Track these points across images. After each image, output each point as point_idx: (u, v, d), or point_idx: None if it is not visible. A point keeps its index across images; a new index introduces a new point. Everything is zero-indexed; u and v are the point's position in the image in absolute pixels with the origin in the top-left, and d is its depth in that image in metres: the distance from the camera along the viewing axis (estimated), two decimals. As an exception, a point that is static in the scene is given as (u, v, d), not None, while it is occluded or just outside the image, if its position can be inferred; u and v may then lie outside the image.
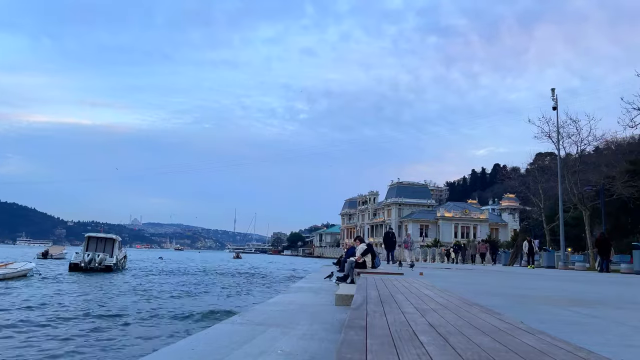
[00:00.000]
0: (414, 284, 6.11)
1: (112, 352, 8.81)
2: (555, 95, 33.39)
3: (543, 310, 5.57)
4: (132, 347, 9.14)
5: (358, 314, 2.98)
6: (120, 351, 8.88)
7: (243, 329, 4.70)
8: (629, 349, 3.25)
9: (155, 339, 9.92)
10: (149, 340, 9.83)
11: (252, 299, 17.79)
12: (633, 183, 32.76)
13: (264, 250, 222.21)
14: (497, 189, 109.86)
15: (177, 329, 11.23)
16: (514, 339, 2.26)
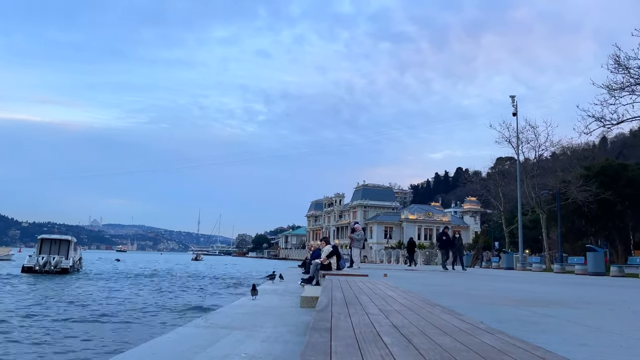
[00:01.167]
0: (378, 285, 6.17)
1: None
2: (515, 102, 34.49)
3: (502, 310, 5.72)
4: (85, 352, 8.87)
5: (323, 315, 2.98)
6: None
7: (206, 332, 4.63)
8: (583, 347, 3.38)
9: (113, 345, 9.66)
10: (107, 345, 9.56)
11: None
12: (587, 187, 34.18)
13: (229, 252, 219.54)
14: (460, 192, 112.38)
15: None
16: (475, 339, 2.31)
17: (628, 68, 20.40)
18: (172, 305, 16.57)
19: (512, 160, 46.16)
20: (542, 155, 39.10)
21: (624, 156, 60.98)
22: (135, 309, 15.10)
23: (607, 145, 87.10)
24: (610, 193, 34.74)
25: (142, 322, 12.67)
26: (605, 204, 35.34)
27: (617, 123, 22.27)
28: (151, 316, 13.63)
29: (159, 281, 29.54)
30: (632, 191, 36.43)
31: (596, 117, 22.16)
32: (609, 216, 37.41)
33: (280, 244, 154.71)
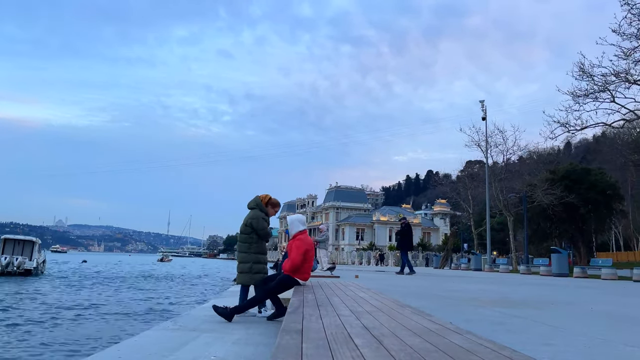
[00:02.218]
0: (350, 286, 6.19)
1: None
2: (484, 107, 35.22)
3: (470, 311, 5.82)
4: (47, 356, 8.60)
5: (294, 317, 2.97)
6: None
7: (175, 335, 4.55)
8: (548, 347, 3.47)
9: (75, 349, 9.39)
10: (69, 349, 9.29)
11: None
12: (552, 191, 35.17)
13: (199, 253, 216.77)
14: (430, 195, 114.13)
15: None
16: (444, 339, 2.34)
17: (592, 76, 21.10)
18: (139, 307, 16.24)
19: (481, 164, 47.17)
20: (509, 159, 40.06)
21: (587, 161, 63.06)
22: (101, 311, 14.74)
23: (571, 150, 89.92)
24: (574, 196, 35.86)
25: (110, 325, 12.38)
26: (569, 207, 36.45)
27: (581, 129, 22.99)
28: (117, 319, 13.33)
29: (125, 283, 28.91)
30: (595, 195, 37.70)
31: (561, 122, 22.84)
32: (573, 219, 38.60)
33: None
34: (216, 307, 5.24)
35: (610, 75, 20.66)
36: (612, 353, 3.37)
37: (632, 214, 50.99)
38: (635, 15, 18.85)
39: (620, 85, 20.87)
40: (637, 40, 19.34)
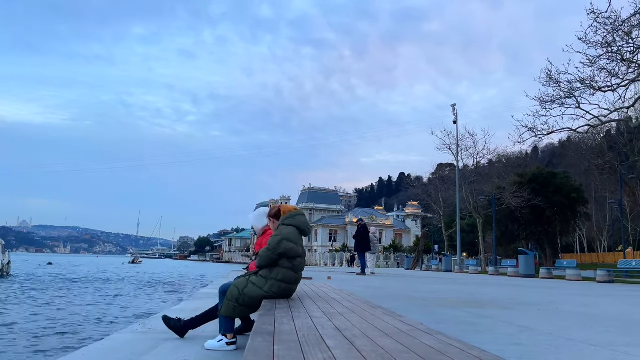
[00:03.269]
0: (322, 288, 6.19)
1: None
2: (456, 111, 35.83)
3: (441, 311, 5.90)
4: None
5: (266, 319, 2.94)
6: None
7: (144, 339, 4.45)
8: (515, 346, 3.54)
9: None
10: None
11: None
12: (520, 194, 36.04)
13: (170, 255, 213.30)
14: (402, 197, 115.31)
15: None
16: (415, 340, 2.36)
17: (559, 82, 21.72)
18: (107, 311, 15.85)
19: (452, 167, 47.95)
20: (479, 163, 40.92)
21: (553, 165, 64.89)
22: (68, 315, 14.32)
23: (538, 154, 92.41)
24: (541, 199, 36.83)
25: (76, 329, 12.03)
26: (536, 209, 37.42)
27: (547, 133, 23.63)
28: (85, 322, 12.98)
29: (94, 285, 28.18)
30: (560, 198, 38.80)
31: (529, 127, 23.42)
32: (539, 221, 39.63)
33: (223, 247, 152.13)
34: (167, 318, 4.48)
35: (576, 82, 21.33)
36: (577, 352, 3.47)
37: (595, 217, 52.71)
38: (601, 24, 19.51)
39: (585, 91, 21.57)
40: (602, 48, 20.02)
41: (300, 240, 4.19)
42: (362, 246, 18.47)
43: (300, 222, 4.23)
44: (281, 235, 4.05)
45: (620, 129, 52.12)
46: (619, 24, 19.27)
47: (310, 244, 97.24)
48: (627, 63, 20.02)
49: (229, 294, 4.02)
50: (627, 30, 19.32)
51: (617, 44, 19.75)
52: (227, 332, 3.98)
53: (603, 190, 52.46)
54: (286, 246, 4.00)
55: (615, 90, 20.99)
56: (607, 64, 20.41)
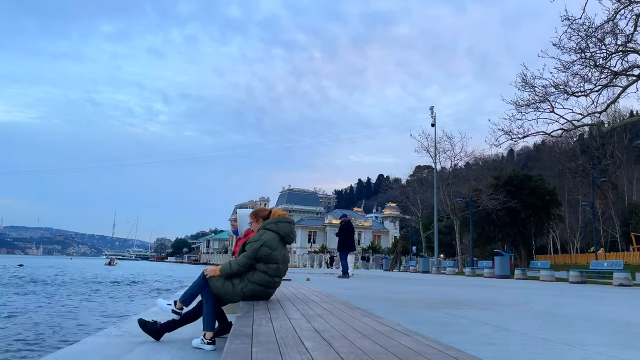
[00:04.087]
0: (301, 289, 6.18)
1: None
2: (434, 114, 36.24)
3: (418, 312, 5.96)
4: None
5: (244, 321, 2.93)
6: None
7: (119, 342, 4.37)
8: (490, 346, 3.59)
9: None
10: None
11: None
12: (496, 196, 36.64)
13: (146, 256, 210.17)
14: (381, 198, 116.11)
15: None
16: (392, 341, 2.37)
17: (534, 87, 22.17)
18: (82, 314, 15.52)
19: (430, 169, 48.46)
20: (457, 165, 41.47)
21: (528, 168, 66.21)
22: (42, 318, 13.97)
23: (514, 157, 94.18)
24: (516, 201, 37.52)
25: (49, 332, 11.75)
26: (511, 211, 38.10)
27: (523, 137, 24.07)
28: (59, 326, 12.68)
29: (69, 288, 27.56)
30: (534, 200, 39.60)
31: (505, 130, 23.83)
32: (515, 223, 40.37)
33: (201, 248, 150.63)
34: (143, 321, 4.33)
35: (550, 87, 21.80)
36: (550, 351, 3.54)
37: (568, 219, 53.93)
38: (575, 30, 19.99)
39: (559, 96, 22.06)
40: (576, 54, 20.52)
41: (280, 247, 4.17)
42: (346, 245, 16.46)
43: (282, 229, 4.22)
44: (260, 242, 4.05)
45: (593, 134, 53.56)
46: (592, 31, 19.79)
47: (289, 245, 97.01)
48: (599, 69, 20.56)
49: (222, 268, 4.05)
50: (600, 37, 19.86)
51: (590, 50, 20.28)
52: (207, 330, 3.97)
53: (576, 192, 53.79)
54: (264, 252, 4.02)
55: (588, 95, 21.54)
56: (581, 69, 20.94)
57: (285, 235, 4.21)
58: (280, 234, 4.18)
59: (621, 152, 53.32)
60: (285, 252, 4.27)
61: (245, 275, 4.03)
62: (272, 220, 4.26)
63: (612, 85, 21.25)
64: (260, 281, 4.03)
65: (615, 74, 20.40)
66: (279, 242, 4.16)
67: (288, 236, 4.25)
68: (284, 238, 4.21)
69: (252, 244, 4.04)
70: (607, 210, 49.89)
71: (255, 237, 4.14)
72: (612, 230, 50.70)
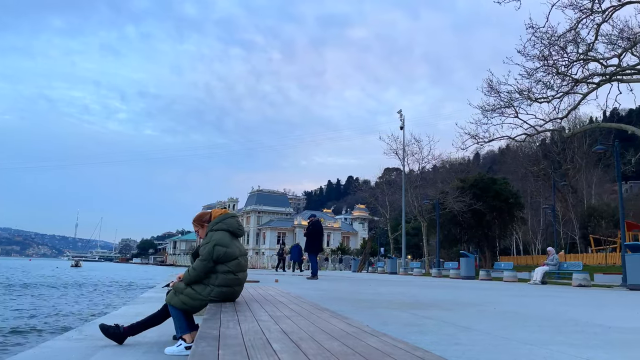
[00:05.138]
0: (269, 291, 6.14)
1: None
2: (402, 117, 36.70)
3: (386, 313, 6.01)
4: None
5: (211, 324, 2.88)
6: None
7: (80, 346, 4.23)
8: (456, 346, 3.65)
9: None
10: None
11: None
12: (462, 198, 37.39)
13: (110, 258, 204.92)
14: (350, 200, 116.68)
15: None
16: (361, 342, 2.38)
17: (499, 92, 22.74)
18: (40, 317, 14.99)
19: (399, 171, 49.05)
20: (425, 167, 42.12)
21: (493, 171, 67.81)
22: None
23: (479, 161, 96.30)
24: (481, 204, 38.39)
25: (5, 337, 11.29)
26: (476, 213, 38.95)
27: (488, 141, 24.66)
28: (15, 330, 12.20)
29: (26, 290, 26.57)
30: (499, 203, 40.61)
31: (471, 134, 24.35)
32: (480, 225, 41.29)
33: (168, 249, 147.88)
34: (105, 326, 4.15)
35: (515, 93, 22.41)
36: (513, 351, 3.62)
37: (530, 221, 55.50)
38: (538, 38, 20.62)
39: (523, 102, 22.70)
40: (539, 62, 21.16)
41: (233, 242, 4.12)
42: (314, 246, 16.10)
43: (231, 225, 4.17)
44: (212, 242, 3.98)
45: (554, 139, 55.37)
46: (555, 39, 20.45)
47: (258, 247, 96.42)
48: (561, 76, 21.26)
49: (176, 287, 3.97)
50: (562, 45, 20.54)
51: (552, 58, 20.94)
52: (184, 334, 3.86)
53: (538, 195, 55.42)
54: (219, 252, 3.95)
55: (550, 101, 22.26)
56: (543, 76, 21.61)
57: (234, 229, 4.17)
58: (230, 229, 4.14)
59: (581, 157, 55.29)
60: (240, 246, 4.22)
61: (209, 281, 3.96)
62: (217, 220, 4.20)
63: (573, 92, 22.02)
64: (226, 282, 3.97)
65: (576, 82, 21.14)
66: (231, 238, 4.11)
67: (237, 229, 4.21)
68: (235, 232, 4.17)
69: (205, 246, 3.98)
70: (567, 213, 51.61)
71: (205, 240, 4.07)
72: (571, 232, 52.47)
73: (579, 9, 19.72)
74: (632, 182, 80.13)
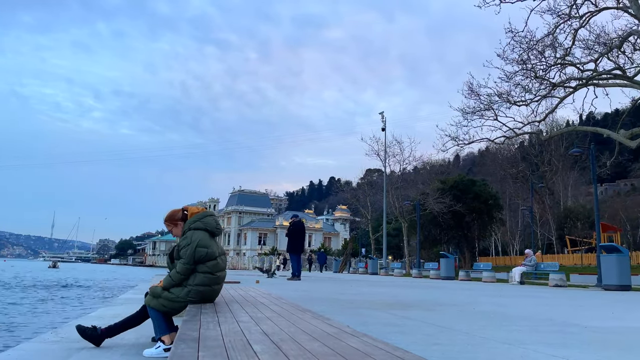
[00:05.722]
0: (250, 292, 6.11)
1: None
2: (384, 119, 36.92)
3: (366, 313, 6.03)
4: None
5: (191, 325, 2.85)
6: None
7: (56, 349, 4.15)
8: (436, 346, 3.68)
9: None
10: None
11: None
12: (442, 200, 37.80)
13: (87, 258, 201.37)
14: (332, 200, 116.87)
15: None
16: (341, 342, 2.38)
17: (479, 95, 23.05)
18: (15, 319, 14.64)
19: (380, 172, 49.32)
20: (405, 169, 42.45)
21: (473, 173, 68.73)
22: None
23: (459, 163, 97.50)
24: (461, 205, 38.84)
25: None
26: (456, 215, 39.40)
27: (468, 143, 24.96)
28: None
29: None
30: (478, 204, 41.14)
31: (452, 136, 24.62)
32: (459, 226, 41.76)
33: (147, 250, 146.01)
34: (82, 328, 4.06)
35: (494, 96, 22.74)
36: (491, 350, 3.67)
37: (509, 222, 56.36)
38: (517, 43, 20.96)
39: (502, 105, 23.04)
40: (518, 65, 21.51)
41: (212, 242, 4.08)
42: (296, 246, 16.09)
43: (209, 224, 4.12)
44: (194, 244, 3.92)
45: (532, 141, 56.35)
46: (533, 44, 20.82)
47: (239, 247, 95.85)
48: (539, 80, 21.65)
49: (152, 291, 3.90)
50: (540, 50, 20.92)
51: (531, 62, 21.32)
52: (163, 335, 3.79)
53: (516, 197, 56.33)
54: (200, 253, 3.90)
55: (529, 104, 22.63)
56: (522, 80, 21.97)
57: (212, 229, 4.12)
58: (209, 229, 4.09)
59: (558, 159, 56.38)
60: (219, 245, 4.18)
61: (187, 281, 3.91)
62: (196, 218, 4.13)
63: (551, 96, 22.43)
64: (204, 282, 3.93)
65: (553, 86, 21.55)
66: (210, 238, 4.07)
67: (216, 229, 4.17)
68: (213, 232, 4.13)
69: (186, 248, 3.91)
70: (544, 215, 52.56)
71: (185, 241, 3.99)
72: (548, 233, 53.45)
73: (557, 14, 20.13)
74: (607, 184, 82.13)
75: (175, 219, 4.26)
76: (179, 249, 3.98)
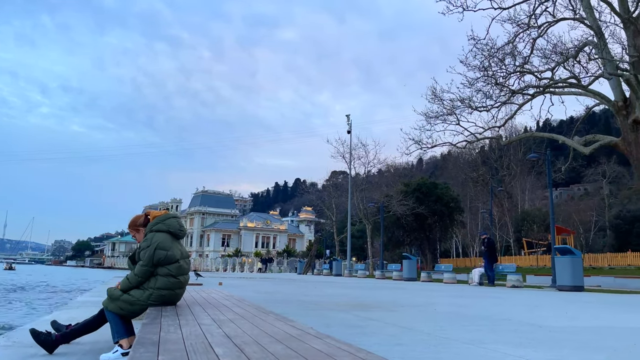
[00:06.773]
0: (212, 294, 6.01)
1: None
2: (350, 121, 37.19)
3: (330, 315, 6.04)
4: None
5: (150, 328, 2.78)
6: None
7: (7, 354, 3.96)
8: (398, 347, 3.72)
9: None
10: None
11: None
12: (405, 202, 38.37)
13: (42, 260, 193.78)
14: (297, 202, 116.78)
15: None
16: (305, 344, 2.37)
17: (442, 100, 23.52)
18: None
19: (345, 174, 49.62)
20: (370, 171, 42.87)
21: (435, 176, 70.09)
22: None
23: (423, 166, 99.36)
24: (424, 208, 39.54)
25: None
26: (419, 217, 40.08)
27: (431, 147, 25.39)
28: None
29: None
30: (440, 207, 41.99)
31: (415, 140, 25.01)
32: (422, 228, 42.49)
33: (106, 251, 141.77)
34: (36, 332, 3.88)
35: (457, 101, 23.26)
36: (453, 350, 3.74)
37: (469, 225, 57.79)
38: (479, 50, 21.52)
39: (464, 110, 23.59)
40: (480, 72, 22.08)
41: (174, 244, 3.97)
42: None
43: (172, 226, 4.02)
44: (153, 246, 3.82)
45: (492, 146, 58.04)
46: (494, 51, 21.42)
47: (201, 249, 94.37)
48: (499, 87, 22.29)
49: (110, 293, 3.78)
50: (501, 57, 21.54)
51: (492, 69, 21.92)
52: (121, 339, 3.65)
53: (477, 200, 57.86)
54: (160, 255, 3.80)
55: (489, 110, 23.25)
56: (483, 86, 22.56)
57: (175, 231, 4.02)
58: (171, 231, 3.99)
59: (516, 164, 58.27)
60: (182, 248, 4.07)
61: (148, 284, 3.80)
62: (158, 220, 4.03)
63: (510, 102, 23.12)
64: (166, 285, 3.83)
65: (513, 92, 22.22)
66: (172, 240, 3.97)
67: (179, 231, 4.06)
68: (176, 234, 4.03)
69: (145, 250, 3.81)
70: (503, 217, 54.19)
71: (145, 243, 3.88)
72: (506, 235, 55.13)
73: (517, 23, 20.78)
74: (561, 189, 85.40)
75: (137, 225, 4.15)
76: (139, 251, 3.88)
